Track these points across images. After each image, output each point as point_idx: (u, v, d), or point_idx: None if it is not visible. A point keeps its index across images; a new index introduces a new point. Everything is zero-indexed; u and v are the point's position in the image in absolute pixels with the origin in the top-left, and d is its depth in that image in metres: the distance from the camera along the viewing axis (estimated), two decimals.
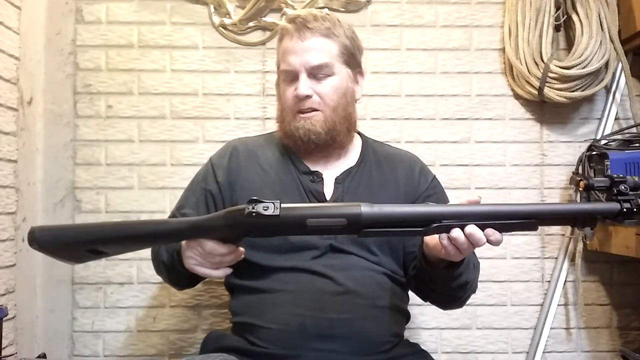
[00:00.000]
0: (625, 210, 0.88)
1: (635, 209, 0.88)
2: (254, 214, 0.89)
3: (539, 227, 0.92)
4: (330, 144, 1.18)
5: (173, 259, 1.09)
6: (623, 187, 0.88)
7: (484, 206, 0.92)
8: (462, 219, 0.89)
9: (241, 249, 1.01)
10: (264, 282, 1.13)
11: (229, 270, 1.02)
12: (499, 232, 0.90)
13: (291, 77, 1.18)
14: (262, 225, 0.90)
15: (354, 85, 1.22)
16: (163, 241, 1.08)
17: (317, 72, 1.16)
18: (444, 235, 0.91)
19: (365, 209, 0.89)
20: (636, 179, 0.90)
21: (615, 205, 0.88)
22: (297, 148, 1.21)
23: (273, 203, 0.89)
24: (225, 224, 0.93)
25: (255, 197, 0.90)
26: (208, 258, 0.99)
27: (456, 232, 0.90)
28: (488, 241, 0.91)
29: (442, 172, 1.64)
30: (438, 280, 1.10)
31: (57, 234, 0.99)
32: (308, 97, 1.15)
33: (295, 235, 1.07)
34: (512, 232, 0.93)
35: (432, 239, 1.00)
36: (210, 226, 0.96)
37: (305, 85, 1.15)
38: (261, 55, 1.70)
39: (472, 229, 0.89)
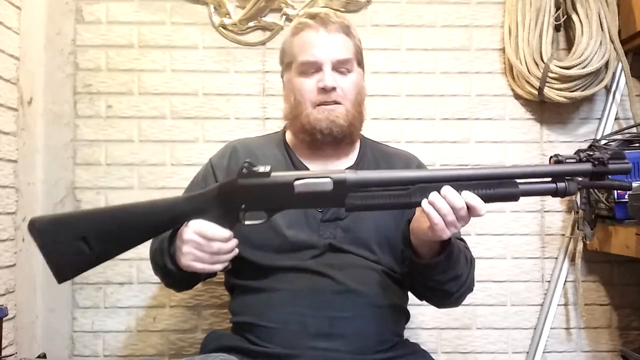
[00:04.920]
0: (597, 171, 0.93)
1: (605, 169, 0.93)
2: (245, 169, 0.96)
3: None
4: (344, 138, 1.18)
5: (165, 263, 1.06)
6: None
7: (462, 170, 0.97)
8: (439, 181, 0.94)
9: (235, 240, 0.99)
10: (264, 281, 1.13)
11: (228, 264, 1.00)
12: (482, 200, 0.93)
13: (313, 68, 1.17)
14: (252, 188, 0.96)
15: (364, 84, 1.24)
16: (161, 222, 1.00)
17: (340, 67, 1.17)
18: (424, 202, 0.93)
19: (349, 174, 0.95)
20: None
21: (587, 166, 0.94)
22: (312, 141, 1.18)
23: (264, 167, 0.97)
24: (218, 193, 0.98)
25: (248, 160, 0.97)
26: (206, 248, 0.96)
27: (434, 195, 0.93)
28: (468, 207, 0.92)
29: None
30: (427, 273, 1.08)
31: (55, 220, 1.01)
32: (333, 89, 1.15)
33: (286, 209, 1.02)
34: (494, 202, 0.95)
35: (416, 222, 1.01)
36: (204, 199, 0.99)
37: (331, 77, 1.15)
38: (261, 55, 1.70)
39: (447, 189, 0.92)
